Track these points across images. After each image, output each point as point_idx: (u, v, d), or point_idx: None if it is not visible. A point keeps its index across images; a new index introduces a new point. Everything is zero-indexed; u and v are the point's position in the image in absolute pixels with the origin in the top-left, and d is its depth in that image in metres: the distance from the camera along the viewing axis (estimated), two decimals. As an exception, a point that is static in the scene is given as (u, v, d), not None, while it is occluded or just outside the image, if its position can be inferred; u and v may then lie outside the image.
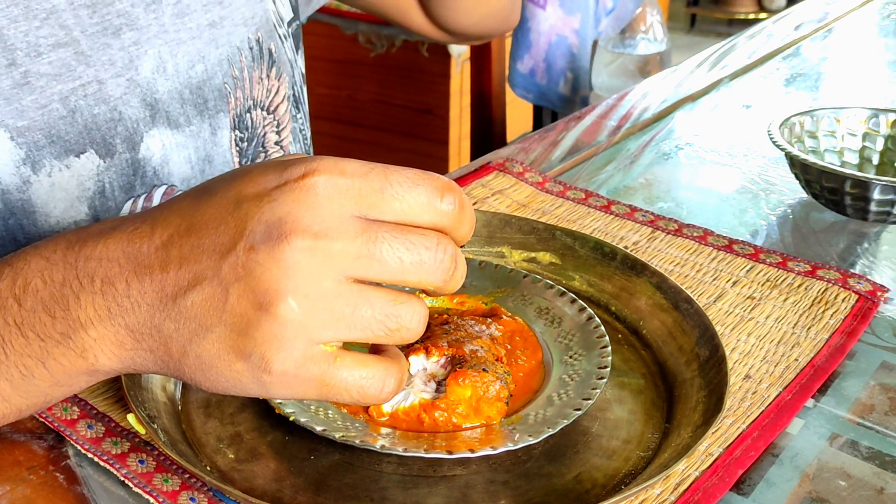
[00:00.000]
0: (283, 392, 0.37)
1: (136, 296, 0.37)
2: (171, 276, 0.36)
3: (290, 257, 0.34)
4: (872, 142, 0.74)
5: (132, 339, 0.37)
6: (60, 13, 0.55)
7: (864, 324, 0.55)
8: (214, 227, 0.36)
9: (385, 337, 0.36)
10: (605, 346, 0.48)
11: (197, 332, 0.36)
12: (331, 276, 0.34)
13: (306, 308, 0.34)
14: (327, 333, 0.35)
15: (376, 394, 0.37)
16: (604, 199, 0.69)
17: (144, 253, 0.37)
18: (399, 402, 0.44)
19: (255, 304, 0.35)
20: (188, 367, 0.37)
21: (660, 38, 1.47)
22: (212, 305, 0.35)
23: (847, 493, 0.43)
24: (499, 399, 0.44)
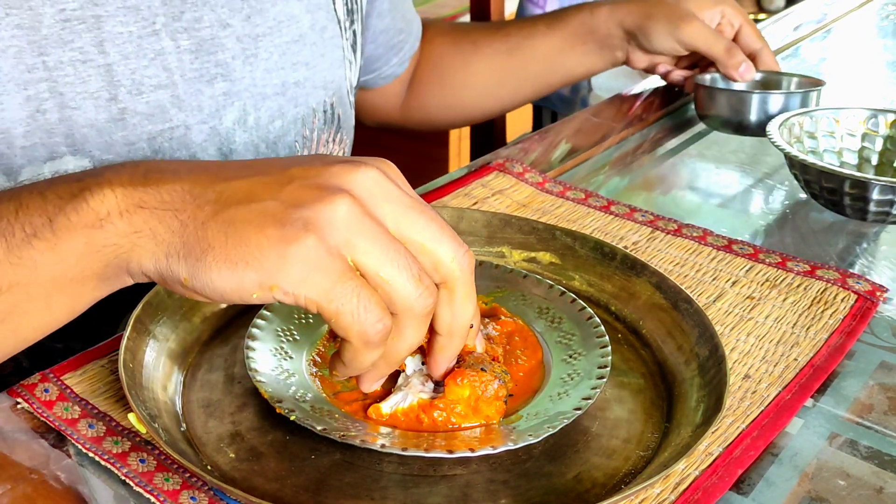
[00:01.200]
0: (297, 271, 0.35)
1: (183, 173, 0.38)
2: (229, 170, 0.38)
3: (361, 177, 0.37)
4: (871, 142, 0.74)
5: (158, 200, 0.37)
6: (167, 55, 0.57)
7: (863, 324, 0.55)
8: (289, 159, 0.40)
9: (405, 283, 0.37)
10: (604, 345, 0.48)
11: (241, 201, 0.36)
12: (387, 210, 0.37)
13: (359, 216, 0.36)
14: (364, 248, 0.36)
15: (373, 322, 0.37)
16: (603, 200, 0.70)
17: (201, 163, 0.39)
18: (398, 402, 0.44)
19: (317, 187, 0.36)
20: (212, 227, 0.36)
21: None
22: (269, 188, 0.37)
23: (846, 493, 0.43)
24: (497, 398, 0.44)
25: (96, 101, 0.55)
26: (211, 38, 0.59)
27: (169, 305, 0.50)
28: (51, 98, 0.54)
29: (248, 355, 0.46)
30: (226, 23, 0.60)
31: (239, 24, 0.61)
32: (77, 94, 0.54)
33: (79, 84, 0.54)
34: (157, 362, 0.47)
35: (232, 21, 0.60)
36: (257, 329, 0.48)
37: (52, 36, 0.52)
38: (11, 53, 0.51)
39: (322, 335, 0.50)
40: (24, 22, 0.51)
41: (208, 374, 0.49)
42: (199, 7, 0.58)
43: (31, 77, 0.52)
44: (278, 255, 0.35)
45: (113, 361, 0.49)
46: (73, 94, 0.54)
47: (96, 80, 0.55)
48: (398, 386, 0.45)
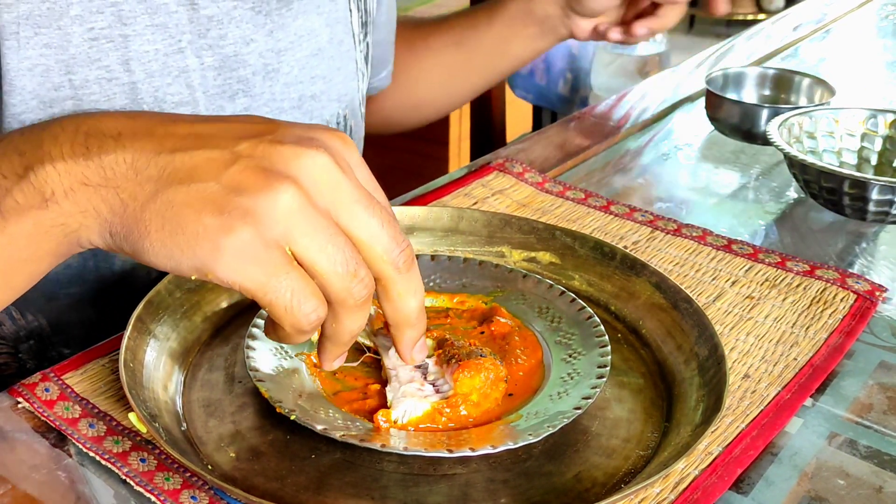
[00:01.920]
0: (229, 265, 0.35)
1: (126, 141, 0.36)
2: (175, 139, 0.36)
3: (310, 160, 0.36)
4: (871, 142, 0.74)
5: (101, 176, 0.36)
6: (191, 73, 0.57)
7: (862, 323, 0.55)
8: (240, 123, 0.38)
9: (339, 277, 0.36)
10: (604, 345, 0.48)
11: (182, 181, 0.35)
12: (330, 201, 0.36)
13: (301, 207, 0.35)
14: (301, 241, 0.35)
15: (306, 313, 0.36)
16: (603, 200, 0.70)
17: (146, 119, 0.37)
18: (409, 412, 0.43)
19: (262, 177, 0.35)
20: (150, 211, 0.36)
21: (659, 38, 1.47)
22: (213, 166, 0.35)
23: (846, 492, 0.43)
24: (500, 380, 0.45)
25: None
26: (234, 54, 0.59)
27: (170, 305, 0.50)
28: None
29: (249, 355, 0.46)
30: (249, 38, 0.60)
31: (262, 40, 0.61)
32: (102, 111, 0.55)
33: (104, 102, 0.55)
34: (157, 362, 0.47)
35: (255, 36, 0.60)
36: (257, 329, 0.48)
37: (80, 55, 0.53)
38: (39, 72, 0.52)
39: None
40: (53, 41, 0.51)
41: (209, 374, 0.49)
42: (225, 24, 0.58)
43: (56, 95, 0.52)
44: (213, 246, 0.35)
45: (113, 361, 0.49)
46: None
47: (121, 98, 0.55)
48: (396, 396, 0.44)
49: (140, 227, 0.36)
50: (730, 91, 0.87)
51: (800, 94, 0.87)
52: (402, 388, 0.44)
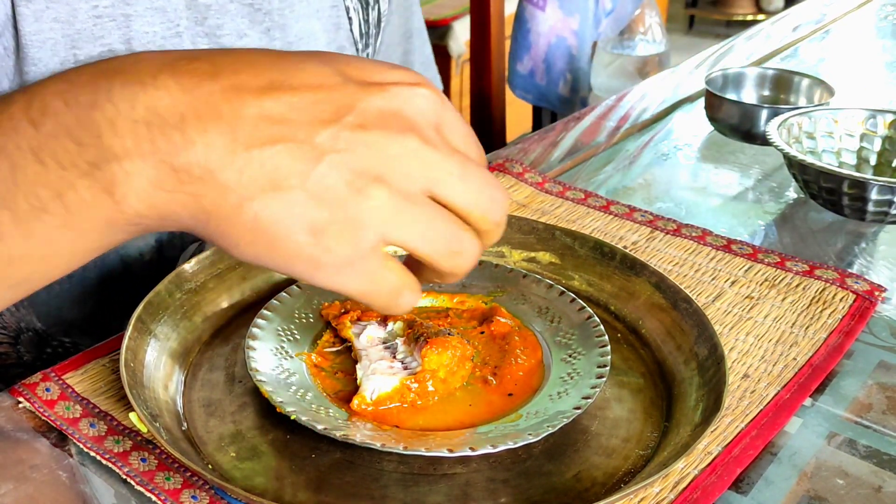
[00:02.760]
0: (330, 277, 0.34)
1: (192, 134, 0.32)
2: (246, 125, 0.32)
3: (400, 150, 0.33)
4: (870, 142, 0.75)
5: (176, 180, 0.32)
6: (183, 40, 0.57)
7: (861, 323, 0.55)
8: (312, 92, 0.33)
9: (444, 257, 0.35)
10: (604, 345, 0.48)
11: (266, 189, 0.32)
12: (422, 183, 0.34)
13: (395, 203, 0.33)
14: (399, 234, 0.34)
15: (408, 302, 0.36)
16: (603, 200, 0.70)
17: (206, 91, 0.32)
18: (378, 388, 0.44)
19: (350, 180, 0.32)
20: (237, 224, 0.33)
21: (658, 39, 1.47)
22: (296, 167, 0.32)
23: (845, 492, 0.43)
24: (467, 359, 0.46)
25: None
26: (230, 45, 0.60)
27: (170, 305, 0.51)
28: None
29: (249, 355, 0.46)
30: (244, 33, 0.60)
31: (256, 36, 0.61)
32: None
33: None
34: (158, 362, 0.48)
35: (250, 32, 0.61)
36: (258, 329, 0.48)
37: (85, 31, 0.53)
38: (49, 45, 0.52)
39: (323, 335, 0.50)
40: (61, 16, 0.52)
41: (209, 374, 0.49)
42: (221, 15, 0.59)
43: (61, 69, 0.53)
44: (311, 264, 0.33)
45: (114, 360, 0.49)
46: None
47: None
48: (366, 374, 0.45)
49: (227, 238, 0.34)
50: (729, 91, 0.88)
51: (799, 94, 0.87)
52: (371, 366, 0.45)
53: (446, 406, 0.45)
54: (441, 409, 0.45)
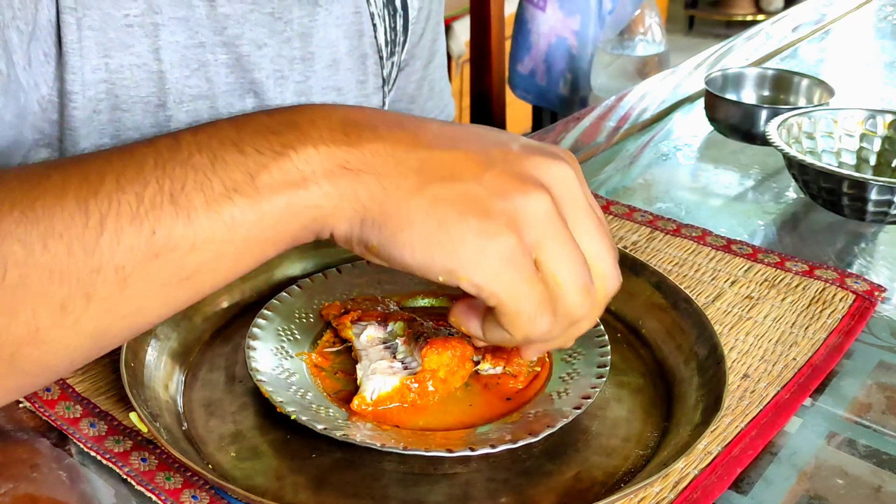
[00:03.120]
0: (490, 268, 0.35)
1: (382, 131, 0.36)
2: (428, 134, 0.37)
3: (559, 173, 0.37)
4: (869, 143, 0.75)
5: (361, 161, 0.36)
6: (209, 67, 0.58)
7: (861, 323, 0.55)
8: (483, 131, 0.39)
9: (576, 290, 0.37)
10: (603, 344, 0.48)
11: (445, 177, 0.36)
12: (570, 212, 0.37)
13: (553, 216, 0.36)
14: (551, 249, 0.36)
15: (543, 326, 0.37)
16: (603, 200, 0.70)
17: (391, 115, 0.38)
18: (378, 388, 0.44)
19: (520, 179, 0.36)
20: (414, 204, 0.35)
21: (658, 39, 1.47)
22: (471, 167, 0.36)
23: (845, 492, 0.43)
24: (468, 359, 0.46)
25: (146, 106, 0.56)
26: (248, 55, 0.60)
27: (170, 305, 0.51)
28: (106, 99, 0.54)
29: (250, 355, 0.46)
30: (262, 43, 0.60)
31: (275, 45, 0.61)
32: (130, 97, 0.55)
33: (133, 88, 0.55)
34: (158, 361, 0.48)
35: (269, 41, 0.61)
36: (258, 329, 0.49)
37: (116, 40, 0.53)
38: (84, 53, 0.52)
39: (323, 335, 0.50)
40: (95, 24, 0.52)
41: (209, 374, 0.49)
42: (241, 25, 0.59)
43: (93, 77, 0.53)
44: (477, 249, 0.35)
45: (114, 360, 0.49)
46: (127, 97, 0.55)
47: (148, 85, 0.55)
48: (366, 374, 0.45)
49: (401, 216, 0.35)
50: (729, 92, 0.88)
51: (799, 94, 0.87)
52: (371, 366, 0.45)
53: (446, 406, 0.45)
54: (441, 409, 0.45)
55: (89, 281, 0.34)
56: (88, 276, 0.34)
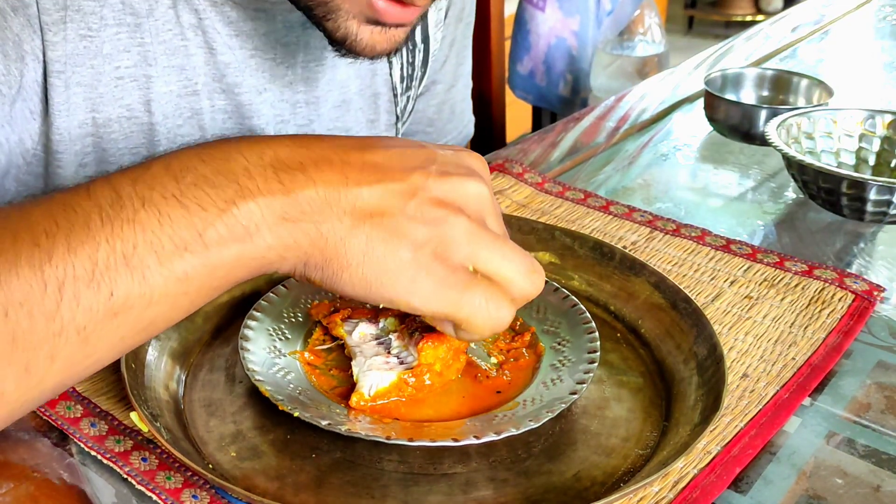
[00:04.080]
0: (426, 293, 0.39)
1: (312, 173, 0.38)
2: (353, 169, 0.39)
3: (473, 191, 0.41)
4: (869, 143, 0.75)
5: (299, 211, 0.38)
6: (203, 115, 0.58)
7: (860, 323, 0.55)
8: (400, 149, 0.41)
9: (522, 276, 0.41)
10: (591, 331, 0.49)
11: (374, 216, 0.38)
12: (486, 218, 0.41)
13: (474, 230, 0.40)
14: (483, 256, 0.40)
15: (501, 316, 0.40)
16: (602, 200, 0.70)
17: (318, 146, 0.39)
18: (376, 384, 0.44)
19: (439, 208, 0.39)
20: (351, 246, 0.38)
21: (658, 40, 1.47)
22: (396, 199, 0.39)
23: (844, 491, 0.43)
24: (461, 352, 0.46)
25: (134, 158, 0.56)
26: (248, 103, 0.59)
27: (170, 305, 0.51)
28: (93, 152, 0.54)
29: (245, 356, 0.46)
30: (263, 88, 0.60)
31: (277, 90, 0.61)
32: (118, 149, 0.55)
33: (121, 140, 0.55)
34: (158, 362, 0.48)
35: (270, 86, 0.60)
36: (249, 330, 0.49)
37: (107, 94, 0.53)
38: (70, 110, 0.52)
39: (313, 333, 0.51)
40: (84, 80, 0.52)
41: (210, 374, 0.49)
42: (241, 72, 0.58)
43: (79, 132, 0.53)
44: (411, 279, 0.39)
45: (115, 360, 0.49)
46: (115, 150, 0.55)
47: (138, 137, 0.55)
48: (362, 370, 0.45)
49: (340, 259, 0.39)
50: (728, 92, 0.88)
51: (798, 94, 0.87)
52: (367, 363, 0.45)
53: (442, 399, 0.46)
54: (438, 401, 0.45)
55: (52, 344, 0.35)
56: (51, 340, 0.35)
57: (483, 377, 0.47)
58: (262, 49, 0.59)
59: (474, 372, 0.47)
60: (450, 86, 0.82)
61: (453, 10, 0.76)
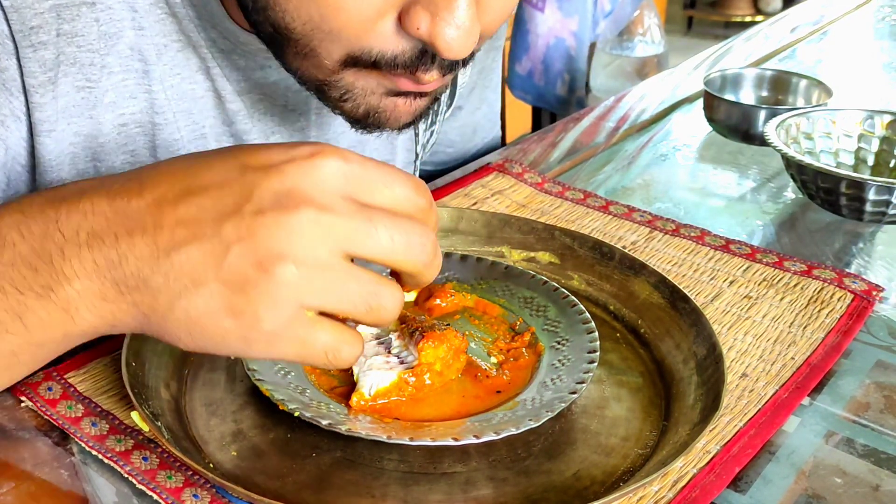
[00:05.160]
0: (264, 350, 0.37)
1: (124, 249, 0.36)
2: (164, 233, 0.36)
3: (296, 225, 0.35)
4: (867, 143, 0.75)
5: (116, 291, 0.37)
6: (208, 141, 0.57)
7: (859, 323, 0.55)
8: (216, 189, 0.36)
9: (364, 314, 0.37)
10: (591, 331, 0.49)
11: (188, 287, 0.36)
12: (329, 247, 0.36)
13: (303, 274, 0.36)
14: (316, 300, 0.36)
15: (346, 358, 0.38)
16: (602, 200, 0.70)
17: (134, 209, 0.37)
18: (376, 384, 0.44)
19: (256, 263, 0.35)
20: (172, 322, 0.37)
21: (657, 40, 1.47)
22: (209, 262, 0.36)
23: (842, 491, 0.43)
24: (462, 351, 0.46)
25: None
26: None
27: (171, 305, 0.51)
28: None
29: (246, 355, 0.46)
30: (272, 132, 0.59)
31: (286, 134, 0.60)
32: None
33: None
34: (159, 361, 0.48)
35: (280, 129, 0.60)
36: None
37: (109, 143, 0.53)
38: (67, 160, 0.52)
39: None
40: (83, 130, 0.51)
41: (210, 373, 0.49)
42: (249, 119, 0.58)
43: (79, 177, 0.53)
44: (242, 342, 0.37)
45: (116, 360, 0.49)
46: None
47: None
48: (362, 370, 0.46)
49: (168, 334, 0.38)
50: (728, 92, 0.88)
51: (797, 95, 0.87)
52: (367, 362, 0.45)
53: (442, 398, 0.46)
54: (438, 401, 0.45)
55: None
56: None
57: (483, 377, 0.47)
58: (272, 96, 0.58)
59: (474, 371, 0.48)
60: (475, 109, 0.81)
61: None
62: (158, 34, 0.52)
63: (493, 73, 0.81)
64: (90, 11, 0.50)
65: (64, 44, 0.49)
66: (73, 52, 0.50)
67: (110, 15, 0.50)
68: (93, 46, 0.50)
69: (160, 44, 0.53)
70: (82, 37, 0.50)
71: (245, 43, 0.54)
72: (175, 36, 0.53)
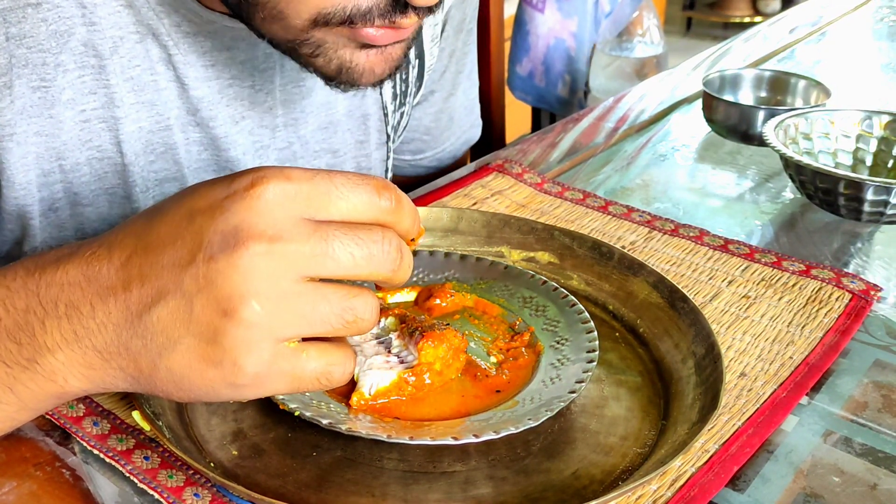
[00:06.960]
0: (257, 392, 0.37)
1: (101, 317, 0.37)
2: (134, 295, 0.36)
3: (248, 262, 0.35)
4: (866, 143, 0.75)
5: (100, 359, 0.37)
6: (178, 149, 0.57)
7: (857, 322, 0.55)
8: (171, 243, 0.36)
9: (343, 329, 0.37)
10: (590, 330, 0.49)
11: (165, 345, 0.36)
12: (288, 276, 0.35)
13: (269, 310, 0.35)
14: (290, 331, 0.36)
15: (339, 377, 0.39)
16: (601, 200, 0.70)
17: (105, 275, 0.37)
18: (376, 383, 0.45)
19: (220, 311, 0.35)
20: (160, 380, 0.37)
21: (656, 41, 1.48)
22: (177, 318, 0.36)
23: (841, 489, 0.43)
24: (461, 351, 0.46)
25: (111, 198, 0.56)
26: (224, 135, 0.58)
27: (172, 305, 0.51)
28: (64, 197, 0.54)
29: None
30: (241, 116, 0.59)
31: (256, 116, 0.60)
32: (91, 191, 0.55)
33: (94, 182, 0.55)
34: (160, 361, 0.48)
35: (249, 113, 0.59)
36: None
37: (72, 140, 0.53)
38: (31, 161, 0.52)
39: None
40: (44, 129, 0.52)
41: (211, 373, 0.49)
42: (215, 105, 0.58)
43: (45, 181, 0.53)
44: (231, 389, 0.37)
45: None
46: (88, 192, 0.55)
47: (112, 177, 0.55)
48: (362, 370, 0.46)
49: (160, 391, 0.38)
50: (727, 93, 0.88)
51: (796, 95, 0.87)
52: (367, 362, 0.46)
53: (441, 398, 0.46)
54: (437, 400, 0.46)
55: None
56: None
57: (482, 376, 0.48)
58: (239, 77, 0.58)
59: (474, 371, 0.48)
60: (448, 94, 0.81)
61: (451, 22, 0.76)
62: (113, 27, 0.52)
63: (465, 57, 0.81)
64: (36, 12, 0.50)
65: (14, 47, 0.49)
66: (23, 53, 0.50)
67: (59, 13, 0.50)
68: (43, 46, 0.50)
69: (115, 37, 0.52)
70: (31, 38, 0.50)
71: (210, 21, 0.54)
72: (132, 28, 0.53)
